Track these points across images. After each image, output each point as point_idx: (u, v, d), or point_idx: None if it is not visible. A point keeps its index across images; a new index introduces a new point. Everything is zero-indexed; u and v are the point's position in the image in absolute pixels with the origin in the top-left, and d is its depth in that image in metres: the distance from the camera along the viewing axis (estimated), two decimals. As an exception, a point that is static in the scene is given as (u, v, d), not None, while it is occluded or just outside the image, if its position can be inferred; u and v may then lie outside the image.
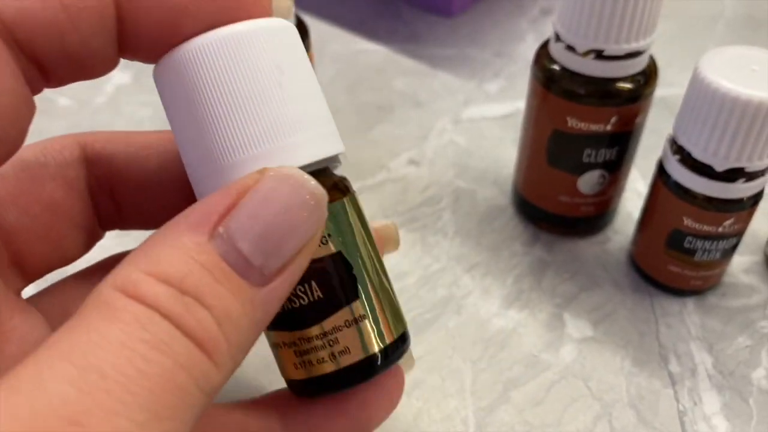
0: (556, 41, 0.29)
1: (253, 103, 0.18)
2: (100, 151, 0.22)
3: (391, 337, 0.20)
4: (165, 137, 0.23)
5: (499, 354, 0.29)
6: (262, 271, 0.16)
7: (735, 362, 0.29)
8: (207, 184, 0.18)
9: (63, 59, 0.17)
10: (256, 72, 0.18)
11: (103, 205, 0.22)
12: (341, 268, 0.19)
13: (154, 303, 0.15)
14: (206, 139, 0.18)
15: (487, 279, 0.32)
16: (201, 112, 0.18)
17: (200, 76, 0.18)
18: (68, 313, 0.20)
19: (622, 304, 0.31)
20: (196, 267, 0.15)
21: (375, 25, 0.50)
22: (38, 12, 0.16)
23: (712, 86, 0.25)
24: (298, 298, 0.19)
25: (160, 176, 0.22)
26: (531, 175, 0.33)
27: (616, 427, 0.27)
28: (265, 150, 0.18)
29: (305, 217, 0.17)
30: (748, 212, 0.28)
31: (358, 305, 0.19)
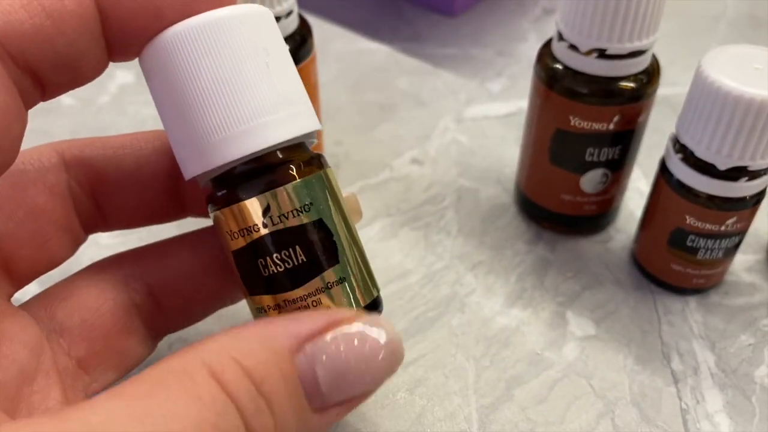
0: (558, 40, 0.29)
1: (240, 84, 0.19)
2: (77, 155, 0.22)
3: (366, 301, 0.21)
4: (139, 137, 0.23)
5: (502, 352, 0.29)
6: (324, 399, 0.17)
7: (738, 360, 0.29)
8: (193, 163, 0.19)
9: (54, 65, 0.18)
10: (245, 53, 0.19)
11: (85, 207, 0.23)
12: (322, 234, 0.20)
13: (234, 394, 0.15)
14: (192, 119, 0.19)
15: (490, 277, 0.32)
16: (188, 93, 0.19)
17: (187, 58, 0.19)
18: (55, 318, 0.21)
19: (625, 303, 0.31)
20: (277, 374, 0.16)
21: (377, 25, 0.50)
22: (25, 21, 0.17)
23: (715, 85, 0.25)
24: (283, 262, 0.20)
25: (137, 174, 0.23)
26: (534, 174, 0.33)
27: (619, 425, 0.27)
28: (249, 127, 0.19)
29: (381, 371, 0.18)
30: (750, 211, 0.28)
31: (338, 269, 0.20)
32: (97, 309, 0.22)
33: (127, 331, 0.22)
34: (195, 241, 0.24)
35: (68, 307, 0.21)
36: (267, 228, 0.19)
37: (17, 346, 0.19)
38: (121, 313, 0.22)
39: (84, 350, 0.21)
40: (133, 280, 0.23)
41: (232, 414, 0.15)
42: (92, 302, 0.22)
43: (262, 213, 0.19)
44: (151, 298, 0.23)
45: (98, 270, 0.23)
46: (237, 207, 0.20)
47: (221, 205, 0.20)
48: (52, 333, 0.21)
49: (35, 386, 0.19)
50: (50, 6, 0.17)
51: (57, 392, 0.20)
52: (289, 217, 0.19)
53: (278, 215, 0.19)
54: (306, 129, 0.20)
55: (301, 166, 0.20)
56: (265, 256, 0.20)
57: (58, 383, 0.20)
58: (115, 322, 0.22)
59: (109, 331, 0.22)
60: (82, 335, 0.21)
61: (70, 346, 0.21)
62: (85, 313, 0.22)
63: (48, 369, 0.20)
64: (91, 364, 0.21)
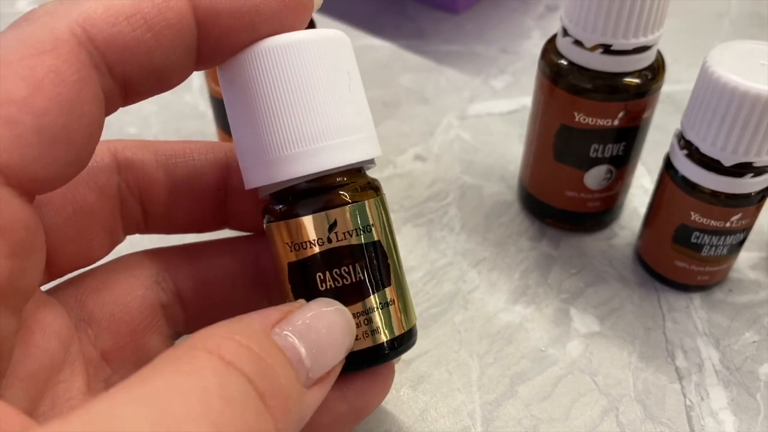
0: (563, 36, 0.29)
1: (319, 104, 0.19)
2: (130, 158, 0.23)
3: (408, 326, 0.22)
4: (192, 147, 0.24)
5: (506, 348, 0.29)
6: (308, 373, 0.18)
7: (742, 358, 0.29)
8: (258, 174, 0.20)
9: (147, 76, 0.18)
10: (330, 75, 0.20)
11: (131, 210, 0.23)
12: (380, 255, 0.21)
13: (235, 362, 0.16)
14: (265, 132, 0.19)
15: (494, 274, 0.32)
16: (266, 106, 0.19)
17: (272, 73, 0.19)
18: (85, 307, 0.21)
19: (629, 300, 0.31)
20: (269, 346, 0.17)
21: (381, 22, 0.50)
22: (128, 34, 0.17)
23: (720, 80, 0.25)
24: (342, 278, 0.20)
25: (187, 185, 0.23)
26: (537, 171, 0.33)
27: (623, 422, 0.27)
28: (320, 147, 0.19)
29: (344, 338, 0.19)
30: (755, 207, 0.28)
31: (391, 291, 0.21)
32: (126, 304, 0.22)
33: (151, 329, 0.22)
34: (229, 247, 0.24)
35: (99, 299, 0.22)
36: (331, 243, 0.20)
37: (49, 335, 0.19)
38: (149, 310, 0.22)
39: (110, 343, 0.21)
40: (163, 280, 0.23)
41: (237, 379, 0.15)
42: (122, 297, 0.22)
43: (327, 229, 0.20)
44: (178, 299, 0.23)
45: (131, 264, 0.23)
46: (297, 221, 0.20)
47: (280, 218, 0.20)
48: (81, 322, 0.21)
49: (61, 376, 0.20)
50: (152, 19, 0.17)
51: (81, 382, 0.20)
52: (353, 235, 0.20)
53: (343, 232, 0.20)
54: (372, 155, 0.21)
55: (360, 189, 0.21)
56: (324, 271, 0.20)
57: (82, 373, 0.20)
58: (142, 319, 0.22)
59: (135, 327, 0.22)
60: (109, 328, 0.21)
61: (97, 337, 0.21)
62: (114, 307, 0.22)
63: (75, 359, 0.20)
64: (114, 357, 0.22)
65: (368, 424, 0.26)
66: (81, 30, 0.17)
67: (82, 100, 0.17)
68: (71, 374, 0.20)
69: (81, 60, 0.16)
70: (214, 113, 0.36)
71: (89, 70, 0.17)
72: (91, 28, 0.17)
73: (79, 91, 0.16)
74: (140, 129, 0.41)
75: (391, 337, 0.21)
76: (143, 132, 0.41)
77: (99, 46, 0.17)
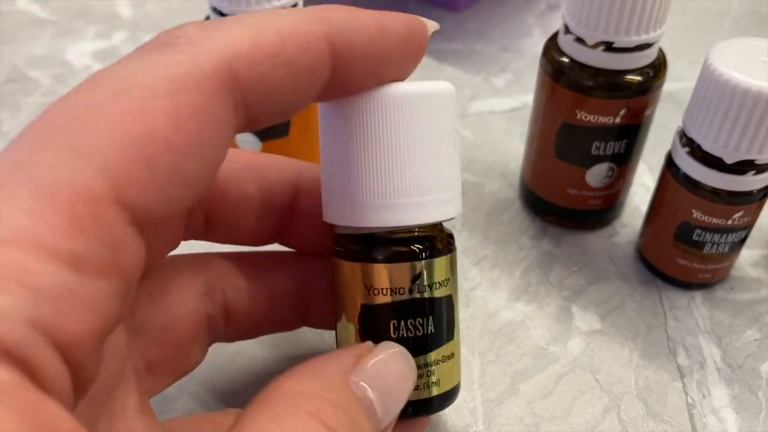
0: (565, 33, 0.29)
1: (420, 157, 0.19)
2: None
3: (457, 381, 0.22)
4: (263, 162, 0.23)
5: (508, 346, 0.29)
6: (380, 424, 0.18)
7: (743, 355, 0.29)
8: (341, 214, 0.20)
9: (275, 112, 0.18)
10: (437, 131, 0.20)
11: (195, 218, 0.22)
12: (450, 309, 0.21)
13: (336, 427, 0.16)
14: (358, 175, 0.19)
15: (495, 272, 0.32)
16: (368, 152, 0.19)
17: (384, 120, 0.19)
18: (135, 315, 0.21)
19: (630, 297, 0.31)
20: (352, 403, 0.17)
21: (381, 20, 0.50)
22: (271, 75, 0.17)
23: (722, 77, 0.25)
24: (416, 329, 0.20)
25: (255, 202, 0.23)
26: (539, 168, 0.33)
27: (625, 420, 0.27)
28: (410, 201, 0.19)
29: (408, 385, 0.19)
30: (757, 205, 0.28)
31: (453, 345, 0.21)
32: (178, 317, 0.21)
33: (195, 341, 0.22)
34: (279, 264, 0.24)
35: (151, 308, 0.21)
36: (411, 294, 0.20)
37: (113, 351, 0.19)
38: (197, 322, 0.22)
39: (156, 354, 0.21)
40: (213, 291, 0.22)
41: None
42: (174, 308, 0.21)
43: (411, 280, 0.20)
44: (223, 311, 0.23)
45: (183, 272, 0.22)
46: (378, 267, 0.20)
47: (357, 259, 0.21)
48: (131, 331, 0.20)
49: (118, 393, 0.19)
50: (294, 61, 0.17)
51: (134, 399, 0.19)
52: (432, 289, 0.20)
53: (424, 285, 0.20)
54: (455, 213, 0.21)
55: (440, 243, 0.21)
56: (400, 319, 0.20)
57: (135, 388, 0.20)
58: (190, 331, 0.22)
59: (183, 339, 0.22)
60: (159, 340, 0.21)
61: (146, 348, 0.21)
62: (165, 318, 0.21)
63: (129, 375, 0.20)
64: (158, 368, 0.21)
65: (370, 422, 0.26)
66: (227, 68, 0.16)
67: (219, 139, 0.16)
68: (126, 391, 0.19)
69: (224, 100, 0.16)
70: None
71: (229, 111, 0.16)
72: (238, 66, 0.16)
73: (216, 132, 0.16)
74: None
75: (442, 392, 0.21)
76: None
77: (242, 85, 0.16)
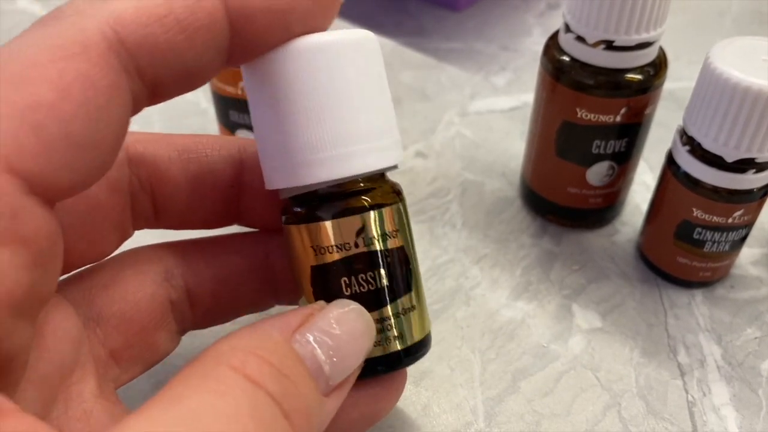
0: (565, 32, 0.29)
1: (349, 107, 0.19)
2: (142, 152, 0.22)
3: (424, 333, 0.21)
4: (205, 142, 0.23)
5: (508, 344, 0.29)
6: (328, 381, 0.18)
7: (744, 353, 0.29)
8: (281, 176, 0.20)
9: (177, 78, 0.18)
10: (363, 78, 0.19)
11: (141, 205, 0.22)
12: (403, 261, 0.21)
13: (260, 381, 0.16)
14: (290, 134, 0.19)
15: (496, 270, 0.32)
16: (294, 108, 0.19)
17: (302, 74, 0.18)
18: (93, 305, 0.21)
19: (631, 296, 0.31)
20: (288, 358, 0.17)
21: (382, 19, 0.50)
22: (160, 36, 0.16)
23: (723, 76, 0.25)
24: (368, 283, 0.20)
25: (200, 181, 0.23)
26: (539, 167, 0.33)
27: (625, 417, 0.27)
28: (347, 152, 0.19)
29: (364, 342, 0.19)
30: (758, 203, 0.28)
31: (412, 296, 0.21)
32: (136, 303, 0.22)
33: (160, 327, 0.22)
34: (238, 245, 0.24)
35: (108, 296, 0.21)
36: (358, 248, 0.20)
37: (61, 337, 0.19)
38: (158, 308, 0.22)
39: (119, 342, 0.21)
40: (172, 277, 0.23)
41: (264, 400, 0.15)
42: (132, 295, 0.22)
43: (355, 234, 0.20)
44: (186, 295, 0.23)
45: (140, 260, 0.22)
46: (321, 225, 0.20)
47: (302, 221, 0.20)
48: (90, 321, 0.21)
49: (73, 378, 0.19)
50: (185, 20, 0.17)
51: (92, 384, 0.20)
52: (378, 241, 0.20)
53: (369, 238, 0.20)
54: (398, 160, 0.21)
55: (384, 194, 0.21)
56: (350, 276, 0.20)
57: (93, 374, 0.20)
58: (152, 317, 0.22)
59: (145, 325, 0.22)
60: (118, 327, 0.21)
61: (106, 336, 0.21)
62: (123, 305, 0.21)
63: (85, 360, 0.20)
64: (123, 356, 0.21)
65: (371, 420, 0.27)
66: (112, 32, 0.16)
67: (111, 105, 0.16)
68: (83, 376, 0.20)
69: (111, 64, 0.16)
70: (216, 110, 0.36)
71: (119, 74, 0.16)
72: (123, 30, 0.16)
73: (108, 97, 0.16)
74: (142, 125, 0.41)
75: (408, 345, 0.21)
76: (145, 128, 0.40)
77: (130, 49, 0.16)
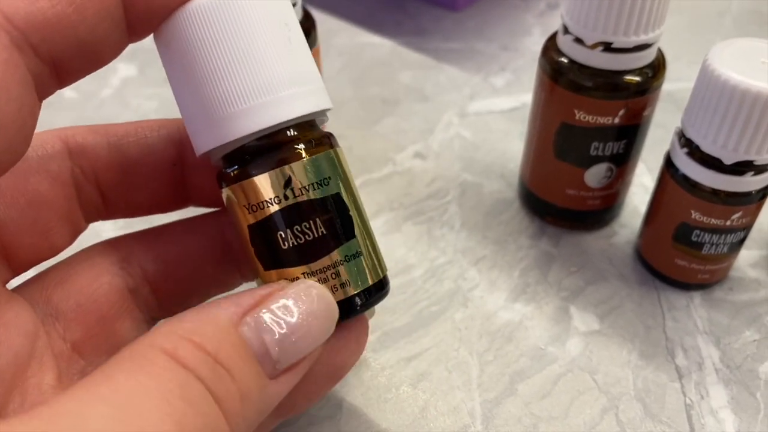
0: (564, 33, 0.29)
1: (259, 57, 0.19)
2: (81, 143, 0.22)
3: (378, 277, 0.21)
4: (144, 125, 0.23)
5: (506, 347, 0.29)
6: (275, 365, 0.17)
7: (742, 356, 0.29)
8: (205, 137, 0.19)
9: (75, 52, 0.17)
10: (267, 27, 0.19)
11: (88, 196, 0.22)
12: (340, 208, 0.20)
13: (191, 366, 0.16)
14: (207, 92, 0.19)
15: (494, 272, 0.32)
16: (205, 65, 0.19)
17: (206, 30, 0.19)
18: (51, 301, 0.21)
19: (629, 298, 0.31)
20: (228, 343, 0.17)
21: (381, 19, 0.50)
22: (48, 11, 0.16)
23: (721, 78, 0.25)
24: (304, 235, 0.20)
25: (142, 163, 0.23)
26: (538, 168, 0.33)
27: (623, 420, 0.27)
28: (266, 101, 0.19)
29: (320, 325, 0.19)
30: (756, 206, 0.28)
31: (355, 243, 0.20)
32: (92, 293, 0.22)
33: (121, 316, 0.22)
34: (191, 226, 0.24)
35: (64, 291, 0.21)
36: (288, 200, 0.19)
37: (13, 332, 0.19)
38: (116, 297, 0.22)
39: (79, 334, 0.21)
40: (128, 264, 0.23)
41: (194, 383, 0.15)
42: (87, 286, 0.22)
43: (283, 186, 0.19)
44: (146, 282, 0.23)
45: (94, 253, 0.23)
46: (251, 182, 0.20)
47: (234, 181, 0.20)
48: (48, 317, 0.21)
49: (30, 371, 0.19)
50: None
51: (51, 377, 0.20)
52: (310, 190, 0.20)
53: (299, 188, 0.20)
54: (322, 106, 0.20)
55: (314, 142, 0.20)
56: (285, 229, 0.20)
57: (53, 368, 0.20)
58: (110, 307, 0.22)
59: (104, 315, 0.22)
60: (77, 319, 0.21)
61: (66, 329, 0.21)
62: (80, 297, 0.21)
63: (42, 354, 0.20)
64: (86, 348, 0.21)
65: (368, 422, 0.26)
66: None
67: (8, 83, 0.16)
68: (40, 370, 0.20)
69: (1, 42, 0.16)
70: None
71: (11, 51, 0.16)
72: (7, 8, 0.16)
73: (2, 75, 0.16)
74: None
75: (361, 289, 0.21)
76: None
77: (18, 25, 0.16)
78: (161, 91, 0.43)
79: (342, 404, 0.27)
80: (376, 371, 0.28)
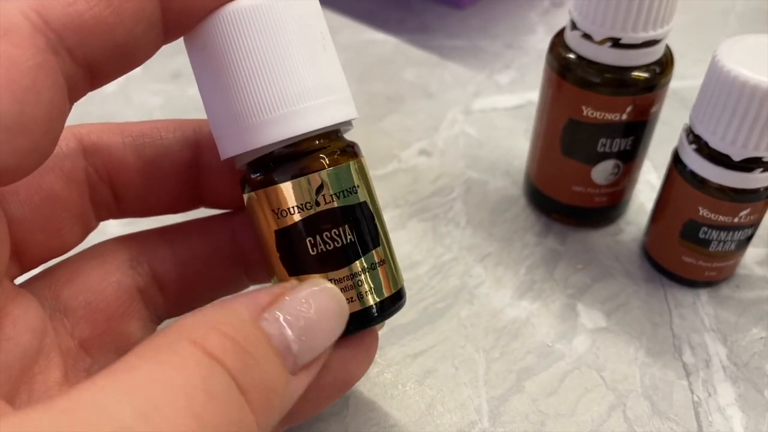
0: (572, 29, 0.29)
1: (292, 66, 0.19)
2: (96, 142, 0.22)
3: (396, 288, 0.21)
4: (160, 126, 0.23)
5: (512, 344, 0.29)
6: (296, 360, 0.17)
7: (749, 354, 0.29)
8: (233, 143, 0.19)
9: (111, 55, 0.17)
10: (303, 36, 0.19)
11: (101, 195, 0.22)
12: (368, 216, 0.20)
13: (219, 356, 0.15)
14: (237, 98, 0.19)
15: (500, 269, 0.32)
16: (237, 72, 0.19)
17: (241, 36, 0.18)
18: (59, 298, 0.21)
19: (636, 295, 0.31)
20: (252, 336, 0.17)
21: (385, 16, 0.50)
22: (85, 12, 0.16)
23: (731, 74, 0.25)
24: (333, 241, 0.20)
25: (156, 164, 0.23)
26: (544, 165, 0.33)
27: (631, 417, 0.26)
28: (295, 110, 0.19)
29: (335, 322, 0.19)
30: (764, 203, 0.28)
31: (381, 251, 0.21)
32: (101, 291, 0.22)
33: (129, 315, 0.22)
34: (202, 227, 0.24)
35: (73, 288, 0.21)
36: (319, 207, 0.20)
37: (21, 327, 0.19)
38: (125, 296, 0.22)
39: (87, 332, 0.21)
40: (137, 264, 0.23)
41: (220, 374, 0.15)
42: (97, 284, 0.22)
43: (314, 192, 0.20)
44: (154, 282, 0.23)
45: (103, 251, 0.23)
46: (278, 188, 0.20)
47: (258, 186, 0.20)
48: (56, 313, 0.21)
49: (37, 368, 0.19)
50: None
51: (58, 373, 0.20)
52: (339, 197, 0.20)
53: (329, 195, 0.20)
54: (349, 116, 0.20)
55: (338, 152, 0.20)
56: (315, 235, 0.20)
57: (59, 364, 0.20)
58: (119, 305, 0.22)
59: (112, 313, 0.22)
60: (85, 317, 0.21)
61: (74, 327, 0.21)
62: (89, 295, 0.21)
63: (50, 350, 0.20)
64: (93, 345, 0.21)
65: (375, 419, 0.26)
66: (34, 13, 0.16)
67: (39, 86, 0.16)
68: (47, 366, 0.20)
69: (37, 45, 0.16)
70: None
71: (46, 55, 0.16)
72: (45, 11, 0.16)
73: (34, 78, 0.16)
74: (143, 122, 0.40)
75: (379, 300, 0.21)
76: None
77: (56, 29, 0.16)
78: (165, 87, 0.43)
79: (348, 401, 0.27)
80: (383, 368, 0.28)
